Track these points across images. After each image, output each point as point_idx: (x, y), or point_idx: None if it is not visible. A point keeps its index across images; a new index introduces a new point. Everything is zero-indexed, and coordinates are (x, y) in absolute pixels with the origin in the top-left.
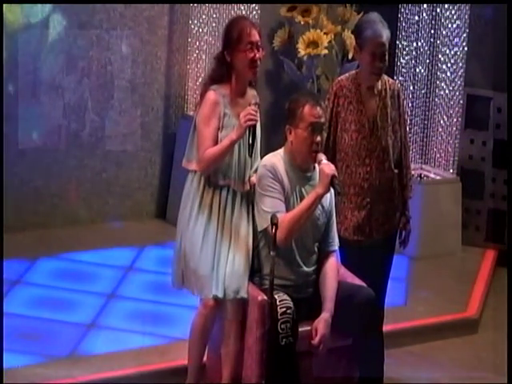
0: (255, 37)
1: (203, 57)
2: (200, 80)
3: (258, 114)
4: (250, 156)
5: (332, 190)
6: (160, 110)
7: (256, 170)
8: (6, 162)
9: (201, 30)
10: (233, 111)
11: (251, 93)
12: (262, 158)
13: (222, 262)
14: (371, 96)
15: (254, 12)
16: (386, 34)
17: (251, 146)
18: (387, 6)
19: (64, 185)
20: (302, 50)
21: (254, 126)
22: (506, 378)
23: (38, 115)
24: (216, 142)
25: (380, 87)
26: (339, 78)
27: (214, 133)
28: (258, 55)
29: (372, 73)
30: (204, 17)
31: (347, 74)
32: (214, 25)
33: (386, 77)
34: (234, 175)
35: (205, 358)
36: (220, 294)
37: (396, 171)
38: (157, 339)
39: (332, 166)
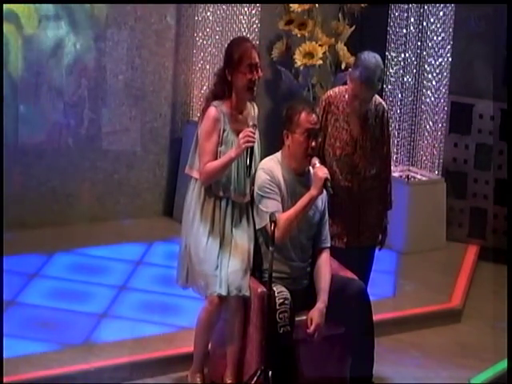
0: (255, 59)
1: (207, 67)
2: (204, 88)
3: (257, 135)
4: (248, 176)
5: (325, 192)
6: (167, 116)
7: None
8: (25, 165)
9: (205, 42)
10: (232, 127)
11: (250, 110)
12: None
13: (225, 263)
14: (357, 116)
15: (254, 26)
16: (369, 82)
17: (249, 167)
18: (377, 20)
19: (78, 185)
20: (298, 61)
21: (252, 147)
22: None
23: (54, 120)
24: (216, 156)
25: (367, 107)
26: (328, 94)
27: (214, 148)
28: (256, 76)
29: (352, 104)
30: (208, 30)
31: (336, 90)
32: (217, 37)
33: (374, 96)
34: (233, 188)
35: (209, 347)
36: (224, 292)
37: (377, 184)
38: (164, 328)
39: (325, 170)
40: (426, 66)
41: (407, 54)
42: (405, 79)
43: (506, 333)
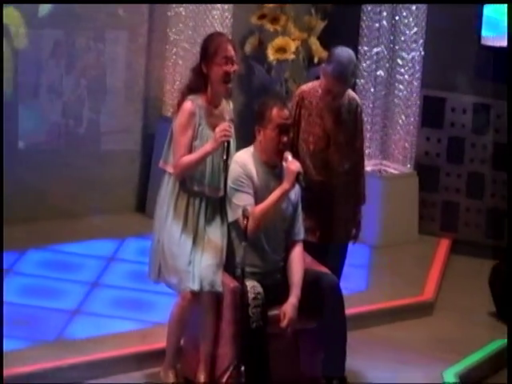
0: (230, 52)
1: (180, 62)
2: (177, 84)
3: (233, 130)
4: (225, 171)
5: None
6: (140, 111)
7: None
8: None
9: (177, 37)
10: (207, 122)
11: (226, 105)
12: None
13: (197, 258)
14: (330, 110)
15: (227, 20)
16: (342, 77)
17: (225, 162)
18: (350, 14)
19: (51, 181)
20: (271, 56)
21: (229, 142)
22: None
23: (25, 117)
24: (190, 151)
25: (340, 102)
26: (302, 89)
27: (189, 142)
28: (232, 69)
29: (325, 99)
30: (181, 25)
31: (310, 85)
32: (189, 33)
33: (348, 91)
34: (207, 182)
35: (181, 342)
36: (196, 288)
37: (351, 179)
38: (137, 324)
39: (297, 163)
40: (398, 60)
41: (380, 48)
42: (377, 73)
43: (477, 326)
